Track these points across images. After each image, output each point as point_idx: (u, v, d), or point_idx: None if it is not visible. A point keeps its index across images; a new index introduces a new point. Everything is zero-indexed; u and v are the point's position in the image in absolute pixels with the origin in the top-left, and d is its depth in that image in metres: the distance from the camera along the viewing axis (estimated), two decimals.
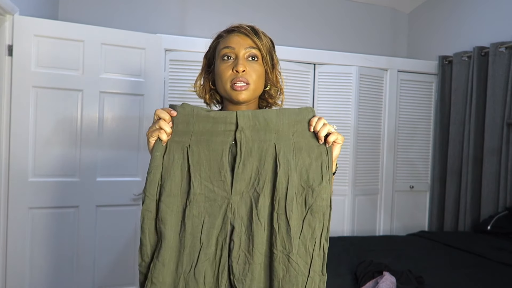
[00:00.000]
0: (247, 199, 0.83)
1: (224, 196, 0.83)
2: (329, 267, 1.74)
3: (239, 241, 0.82)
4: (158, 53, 2.28)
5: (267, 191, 0.83)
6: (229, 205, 0.82)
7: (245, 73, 0.93)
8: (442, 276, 1.66)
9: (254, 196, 0.83)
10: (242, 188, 0.83)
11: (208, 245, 0.82)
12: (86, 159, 2.11)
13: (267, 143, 0.84)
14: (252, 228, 0.82)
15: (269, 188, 0.84)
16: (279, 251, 0.82)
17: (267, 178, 0.83)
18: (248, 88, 0.94)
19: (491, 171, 2.48)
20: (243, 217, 0.83)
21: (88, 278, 2.14)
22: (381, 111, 2.85)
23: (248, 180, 0.83)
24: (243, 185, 0.83)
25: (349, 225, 2.75)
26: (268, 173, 0.84)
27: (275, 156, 0.84)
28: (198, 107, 0.85)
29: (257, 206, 0.83)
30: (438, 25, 3.17)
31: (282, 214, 0.83)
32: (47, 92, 2.02)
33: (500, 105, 2.46)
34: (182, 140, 0.85)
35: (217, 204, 0.83)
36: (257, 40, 0.96)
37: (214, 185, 0.83)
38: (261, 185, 0.83)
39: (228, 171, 0.83)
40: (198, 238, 0.82)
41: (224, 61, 0.95)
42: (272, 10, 3.19)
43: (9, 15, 1.91)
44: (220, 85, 0.96)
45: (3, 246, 1.97)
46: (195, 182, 0.83)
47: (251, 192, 0.84)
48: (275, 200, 0.83)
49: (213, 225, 0.82)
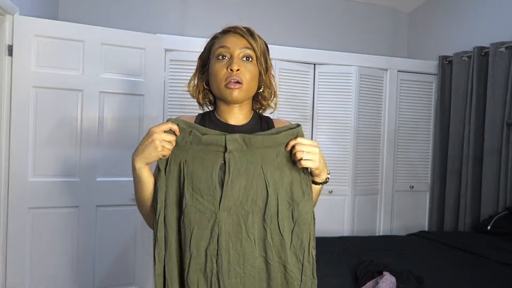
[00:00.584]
0: (235, 216, 0.88)
1: (212, 211, 0.87)
2: (329, 267, 1.75)
3: (227, 256, 0.87)
4: (158, 53, 2.28)
5: (256, 209, 0.89)
6: (216, 220, 0.87)
7: (239, 72, 0.94)
8: (442, 276, 1.66)
9: (242, 213, 0.88)
10: (230, 205, 0.87)
11: (197, 255, 0.87)
12: (86, 159, 2.11)
13: (254, 164, 0.90)
14: (242, 244, 0.88)
15: (258, 205, 0.89)
16: (276, 262, 0.89)
17: (256, 197, 0.89)
18: (241, 88, 0.95)
19: (491, 171, 2.48)
20: (229, 233, 0.87)
21: (88, 278, 2.14)
22: (381, 111, 2.85)
23: (236, 197, 0.88)
24: (231, 201, 0.87)
25: (349, 225, 2.75)
26: (257, 192, 0.89)
27: (263, 176, 0.89)
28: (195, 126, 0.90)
29: (246, 223, 0.88)
30: (438, 25, 3.17)
31: (275, 229, 0.89)
32: (47, 92, 2.02)
33: (500, 105, 2.46)
34: (180, 154, 0.90)
35: (205, 217, 0.87)
36: (252, 41, 0.97)
37: (204, 198, 0.88)
38: (250, 204, 0.89)
39: (217, 187, 0.87)
40: (188, 247, 0.87)
41: (219, 60, 0.96)
42: (272, 10, 3.19)
43: (9, 15, 1.91)
44: (214, 84, 0.97)
45: (3, 246, 1.97)
46: (187, 194, 0.88)
47: (239, 209, 0.88)
48: (267, 216, 0.89)
49: (202, 237, 0.87)
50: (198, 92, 1.06)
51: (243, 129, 1.00)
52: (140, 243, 2.25)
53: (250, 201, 0.88)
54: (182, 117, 1.04)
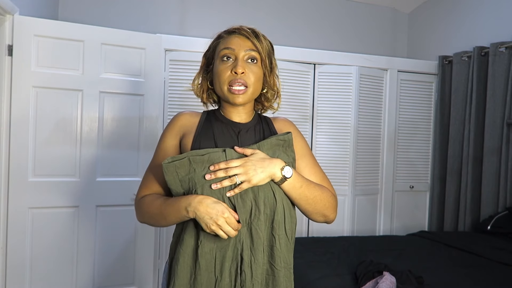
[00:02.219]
0: (253, 229, 0.88)
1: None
2: (329, 267, 1.75)
3: (249, 271, 0.87)
4: (158, 53, 2.28)
5: (266, 217, 0.89)
6: (238, 237, 0.87)
7: (244, 75, 0.94)
8: (442, 276, 1.66)
9: (258, 225, 0.88)
10: (247, 219, 0.88)
11: (222, 278, 0.87)
12: (86, 159, 2.11)
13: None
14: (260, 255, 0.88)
15: (267, 214, 0.89)
16: (282, 268, 0.90)
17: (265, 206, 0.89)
18: (246, 92, 0.94)
19: (491, 171, 2.48)
20: (250, 247, 0.88)
21: (88, 278, 2.14)
22: (381, 111, 2.85)
23: (249, 211, 0.88)
24: (247, 216, 0.88)
25: (349, 225, 2.75)
26: (265, 201, 0.89)
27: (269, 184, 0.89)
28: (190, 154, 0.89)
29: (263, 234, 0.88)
30: (438, 25, 3.17)
31: (283, 234, 0.90)
32: (47, 92, 2.02)
33: (500, 105, 2.46)
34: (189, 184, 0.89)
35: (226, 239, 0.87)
36: (257, 42, 0.96)
37: None
38: (262, 213, 0.88)
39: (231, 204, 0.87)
40: (213, 273, 0.87)
41: (224, 61, 0.96)
42: (272, 10, 3.19)
43: (9, 15, 1.91)
44: (218, 85, 0.97)
45: (3, 246, 1.97)
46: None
47: (254, 221, 0.88)
48: (276, 223, 0.90)
49: (225, 258, 0.87)
50: (202, 92, 1.05)
51: (248, 126, 1.01)
52: (140, 243, 2.25)
53: (262, 211, 0.88)
54: (187, 112, 1.04)
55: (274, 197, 0.89)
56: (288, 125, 1.08)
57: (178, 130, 1.01)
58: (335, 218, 1.01)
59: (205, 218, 0.83)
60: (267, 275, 0.90)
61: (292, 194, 0.91)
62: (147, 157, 2.22)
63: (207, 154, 0.88)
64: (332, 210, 0.98)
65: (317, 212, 0.96)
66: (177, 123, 1.02)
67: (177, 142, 1.01)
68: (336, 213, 1.01)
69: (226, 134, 0.98)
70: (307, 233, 2.72)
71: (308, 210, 0.96)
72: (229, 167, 0.86)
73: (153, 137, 2.25)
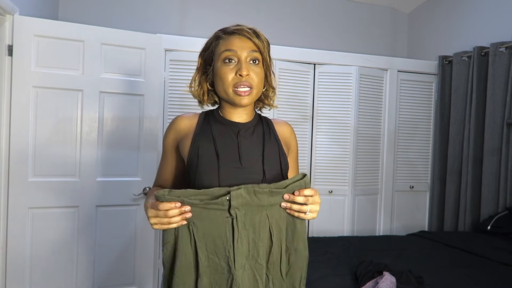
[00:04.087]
0: (249, 272, 0.88)
1: (228, 270, 0.87)
2: (329, 267, 1.75)
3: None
4: (158, 53, 2.28)
5: (264, 259, 0.90)
6: (234, 280, 0.86)
7: (249, 77, 0.94)
8: (442, 276, 1.66)
9: (257, 267, 0.88)
10: (243, 261, 0.87)
11: None
12: (86, 159, 2.11)
13: (259, 214, 0.88)
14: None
15: (266, 255, 0.90)
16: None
17: (264, 248, 0.89)
18: (251, 93, 0.95)
19: (491, 171, 2.48)
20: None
21: (88, 278, 2.14)
22: (381, 111, 2.85)
23: (247, 252, 0.87)
24: (243, 258, 0.87)
25: (349, 225, 2.75)
26: (264, 242, 0.89)
27: (268, 226, 0.89)
28: (183, 191, 0.86)
29: (261, 276, 0.88)
30: (438, 25, 3.17)
31: (277, 275, 0.91)
32: (47, 92, 2.02)
33: (500, 105, 2.46)
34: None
35: (224, 276, 0.87)
36: (259, 42, 0.96)
37: (220, 259, 0.87)
38: (261, 256, 0.88)
39: (231, 247, 0.86)
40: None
41: (226, 64, 0.95)
42: (272, 10, 3.19)
43: (9, 15, 1.91)
44: (221, 88, 0.96)
45: (3, 246, 1.97)
46: (202, 256, 0.87)
47: (252, 263, 0.88)
48: (270, 264, 0.90)
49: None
50: (202, 94, 1.04)
51: (247, 126, 1.01)
52: (140, 243, 2.25)
53: (261, 253, 0.88)
54: (186, 115, 1.04)
55: (271, 239, 0.89)
56: (290, 132, 1.10)
57: (175, 134, 1.03)
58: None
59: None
60: None
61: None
62: (147, 157, 2.22)
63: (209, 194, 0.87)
64: None
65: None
66: (175, 127, 1.04)
67: (176, 145, 1.03)
68: None
69: (225, 135, 0.98)
70: (307, 233, 2.72)
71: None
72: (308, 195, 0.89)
73: (153, 137, 2.25)
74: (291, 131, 1.10)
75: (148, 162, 2.22)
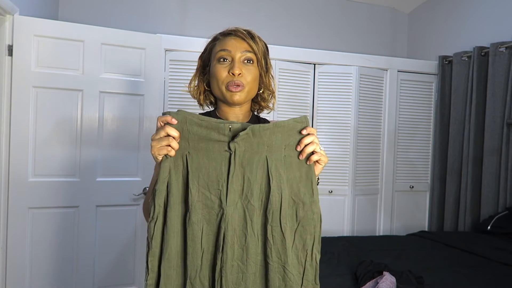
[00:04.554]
0: (241, 210, 0.85)
1: (219, 205, 0.84)
2: (329, 267, 1.75)
3: (232, 252, 0.84)
4: (158, 53, 2.28)
5: (259, 203, 0.86)
6: (224, 215, 0.84)
7: (241, 76, 0.96)
8: (442, 276, 1.66)
9: (248, 207, 0.85)
10: (236, 199, 0.84)
11: (208, 251, 0.85)
12: (86, 159, 2.11)
13: (258, 154, 0.85)
14: (246, 239, 0.85)
15: (262, 200, 0.86)
16: (275, 262, 0.86)
17: (260, 190, 0.86)
18: (243, 90, 0.96)
19: (491, 171, 2.48)
20: (235, 228, 0.84)
21: (88, 278, 2.14)
22: (381, 111, 2.85)
23: (241, 191, 0.85)
24: (236, 196, 0.84)
25: (349, 225, 2.75)
26: (261, 185, 0.85)
27: (267, 169, 0.85)
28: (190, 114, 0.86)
29: (252, 217, 0.85)
30: (438, 25, 3.17)
31: (277, 226, 0.85)
32: (47, 92, 2.02)
33: (500, 105, 2.46)
34: (181, 145, 0.85)
35: (214, 211, 0.85)
36: (253, 43, 0.98)
37: (212, 193, 0.84)
38: (255, 197, 0.85)
39: (225, 181, 0.84)
40: (199, 244, 0.84)
41: (220, 63, 0.97)
42: (272, 10, 3.19)
43: (9, 15, 1.91)
44: (216, 86, 0.98)
45: (3, 246, 1.97)
46: (193, 189, 0.84)
47: (245, 203, 0.85)
48: (269, 212, 0.85)
49: (212, 232, 0.85)
50: (199, 93, 1.07)
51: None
52: (140, 243, 2.25)
53: (255, 194, 0.85)
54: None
55: (269, 184, 0.85)
56: None
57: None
58: None
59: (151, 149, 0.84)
60: (260, 266, 0.86)
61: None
62: (147, 157, 2.22)
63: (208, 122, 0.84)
64: None
65: None
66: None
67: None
68: None
69: None
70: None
71: None
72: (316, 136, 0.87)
73: None
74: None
75: (148, 162, 2.22)
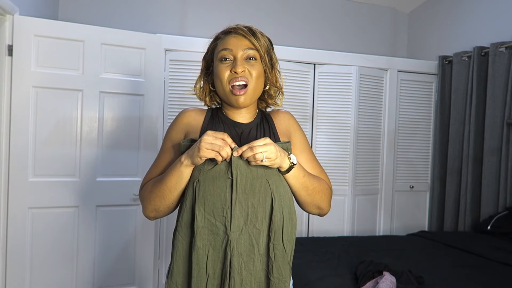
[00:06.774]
0: (246, 236, 0.87)
1: (224, 232, 0.86)
2: (329, 267, 1.75)
3: (240, 277, 0.86)
4: (158, 53, 2.28)
5: (264, 226, 0.88)
6: (229, 241, 0.86)
7: (244, 73, 0.94)
8: (442, 276, 1.66)
9: (254, 232, 0.87)
10: (241, 225, 0.86)
11: (214, 276, 0.87)
12: (86, 159, 2.11)
13: (259, 179, 0.88)
14: (254, 263, 0.88)
15: (266, 221, 0.88)
16: (276, 278, 0.89)
17: (264, 213, 0.88)
18: (247, 91, 0.94)
19: (491, 171, 2.48)
20: (241, 253, 0.86)
21: (88, 278, 2.14)
22: (381, 111, 2.85)
23: (245, 216, 0.87)
24: (241, 221, 0.86)
25: (349, 225, 2.75)
26: (264, 208, 0.88)
27: (270, 192, 0.88)
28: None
29: (258, 241, 0.87)
30: (438, 25, 3.17)
31: (279, 244, 0.89)
32: (47, 92, 2.02)
33: (500, 105, 2.46)
34: (194, 173, 0.90)
35: (219, 238, 0.87)
36: (255, 40, 0.96)
37: (216, 220, 0.86)
38: (260, 220, 0.87)
39: (229, 208, 0.86)
40: (204, 269, 0.87)
41: (222, 62, 0.96)
42: (272, 10, 3.19)
43: (9, 15, 1.91)
44: (220, 87, 0.96)
45: (3, 246, 1.97)
46: (198, 215, 0.86)
47: (250, 228, 0.87)
48: (271, 232, 0.88)
49: (218, 258, 0.87)
50: (205, 95, 1.05)
51: (250, 126, 1.01)
52: (140, 243, 2.25)
53: (260, 218, 0.87)
54: (193, 109, 1.04)
55: (271, 205, 0.88)
56: (287, 118, 1.08)
57: (183, 128, 1.01)
58: (328, 211, 1.03)
59: (194, 148, 0.85)
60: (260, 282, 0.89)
61: (295, 184, 0.93)
62: (147, 157, 2.22)
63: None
64: (327, 202, 1.01)
65: (314, 203, 0.98)
66: (183, 120, 1.02)
67: (182, 137, 1.01)
68: (330, 206, 1.03)
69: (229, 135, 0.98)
70: (307, 233, 2.72)
71: (306, 201, 0.97)
72: (254, 146, 0.84)
73: (153, 137, 2.25)
74: (288, 117, 1.08)
75: (148, 162, 2.22)
